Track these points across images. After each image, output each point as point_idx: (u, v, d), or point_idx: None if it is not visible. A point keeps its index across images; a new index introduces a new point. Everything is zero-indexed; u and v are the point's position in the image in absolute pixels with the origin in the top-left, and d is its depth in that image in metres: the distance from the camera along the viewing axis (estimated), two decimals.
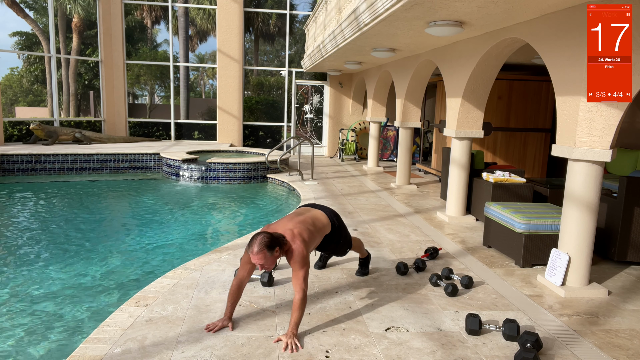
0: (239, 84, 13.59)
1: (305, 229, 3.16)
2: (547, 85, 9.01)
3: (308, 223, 3.26)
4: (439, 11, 4.50)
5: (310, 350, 2.92)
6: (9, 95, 27.54)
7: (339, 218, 3.70)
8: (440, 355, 2.92)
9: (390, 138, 13.27)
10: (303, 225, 3.18)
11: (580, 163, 3.89)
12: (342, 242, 3.71)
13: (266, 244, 2.87)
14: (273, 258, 2.93)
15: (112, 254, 5.28)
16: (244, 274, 3.18)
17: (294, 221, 3.22)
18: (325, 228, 3.44)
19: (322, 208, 3.63)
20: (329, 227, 3.48)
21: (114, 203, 8.03)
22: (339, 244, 3.69)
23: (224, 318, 3.18)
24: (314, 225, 3.31)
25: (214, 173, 9.49)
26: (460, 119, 6.26)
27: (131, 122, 13.78)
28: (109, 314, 3.38)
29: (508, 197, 5.82)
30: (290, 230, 3.09)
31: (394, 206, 7.19)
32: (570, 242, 3.99)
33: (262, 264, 2.91)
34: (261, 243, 2.87)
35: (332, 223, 3.52)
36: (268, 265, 2.94)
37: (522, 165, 9.27)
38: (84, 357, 2.77)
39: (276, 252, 2.93)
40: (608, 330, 3.33)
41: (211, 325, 3.14)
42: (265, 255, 2.88)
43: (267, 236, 2.91)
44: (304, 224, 3.21)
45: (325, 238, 3.51)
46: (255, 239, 2.91)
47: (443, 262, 4.65)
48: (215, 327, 3.12)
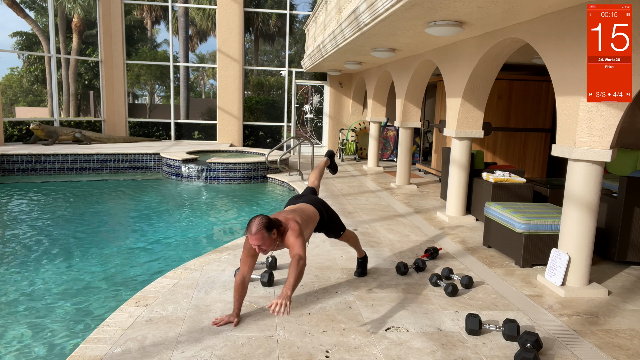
0: (239, 84, 13.60)
1: (298, 215, 3.33)
2: (547, 85, 9.01)
3: (297, 212, 3.41)
4: (439, 11, 4.50)
5: (310, 350, 2.92)
6: (9, 95, 27.53)
7: (326, 205, 3.84)
8: (440, 355, 2.92)
9: (390, 138, 13.27)
10: (295, 213, 3.35)
11: (580, 163, 3.89)
12: (334, 225, 3.85)
13: (264, 225, 2.97)
14: (271, 239, 3.01)
15: (112, 254, 5.28)
16: (246, 269, 3.27)
17: (284, 212, 3.39)
18: (315, 216, 3.59)
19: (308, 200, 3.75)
20: (317, 215, 3.62)
21: (114, 203, 8.02)
22: (331, 228, 3.84)
23: (232, 314, 3.27)
24: (304, 212, 3.47)
25: (214, 173, 9.49)
26: (460, 119, 6.26)
27: (131, 122, 13.78)
28: (109, 314, 3.38)
29: (508, 197, 5.82)
30: (284, 216, 3.24)
31: (394, 206, 7.19)
32: (570, 242, 3.99)
33: (259, 245, 2.99)
34: (259, 224, 2.96)
35: (319, 211, 3.66)
36: (266, 246, 3.02)
37: (522, 165, 9.27)
38: (84, 357, 2.77)
39: (273, 234, 3.03)
40: (608, 330, 3.33)
41: (218, 319, 3.23)
42: (263, 236, 2.96)
43: (265, 217, 3.02)
44: (295, 212, 3.38)
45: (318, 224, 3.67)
46: (253, 220, 3.01)
47: (443, 262, 4.65)
48: (221, 321, 3.22)
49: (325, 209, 3.77)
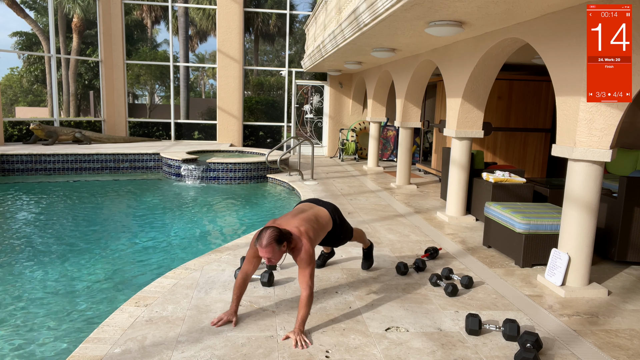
0: (239, 84, 13.60)
1: (311, 228, 3.23)
2: (547, 85, 9.01)
3: (312, 221, 3.31)
4: (439, 11, 4.50)
5: (310, 350, 2.92)
6: (9, 95, 27.54)
7: (340, 213, 3.75)
8: (440, 355, 2.92)
9: (390, 138, 13.27)
10: (308, 224, 3.24)
11: (580, 163, 3.89)
12: (342, 236, 3.81)
13: (275, 238, 2.95)
14: (280, 252, 3.00)
15: (112, 254, 5.28)
16: (250, 267, 3.25)
17: (298, 218, 3.27)
18: (328, 225, 3.51)
19: (324, 204, 3.68)
20: (330, 224, 3.55)
21: (114, 203, 8.02)
22: (339, 239, 3.81)
23: (229, 312, 3.24)
24: (318, 222, 3.38)
25: (214, 173, 9.49)
26: (460, 119, 6.27)
27: (131, 122, 13.78)
28: (108, 314, 3.38)
29: (508, 197, 5.82)
30: (297, 227, 3.15)
31: (394, 206, 7.19)
32: (570, 242, 3.99)
33: (269, 258, 2.98)
34: (270, 237, 2.94)
35: (333, 220, 3.59)
36: (275, 259, 3.01)
37: (522, 165, 9.27)
38: (84, 357, 2.77)
39: (283, 247, 3.01)
40: (608, 330, 3.33)
41: (216, 319, 3.20)
42: (273, 249, 2.95)
43: (276, 230, 2.99)
44: (308, 222, 3.27)
45: (327, 233, 3.59)
46: (264, 232, 2.97)
47: (443, 262, 4.65)
48: (220, 320, 3.19)
49: (339, 217, 3.68)
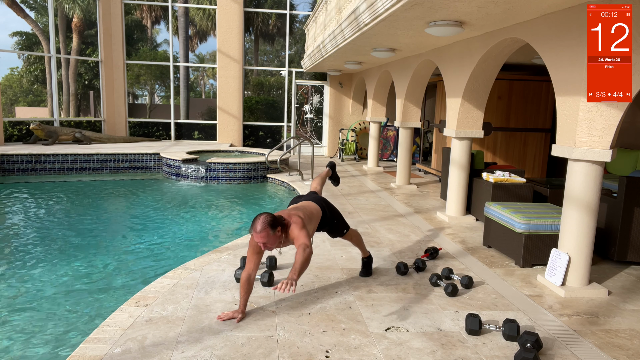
0: (239, 84, 13.60)
1: (301, 212, 3.37)
2: (547, 85, 9.01)
3: (300, 209, 3.47)
4: (439, 11, 4.50)
5: (310, 350, 2.92)
6: (9, 95, 27.53)
7: (328, 202, 3.88)
8: (440, 355, 2.92)
9: (390, 138, 13.27)
10: (297, 210, 3.40)
11: (580, 163, 3.89)
12: (337, 222, 3.88)
13: (269, 222, 3.03)
14: (275, 237, 3.08)
15: (112, 254, 5.28)
16: (252, 266, 3.33)
17: (287, 210, 3.45)
18: (317, 213, 3.63)
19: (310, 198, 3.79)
20: (319, 212, 3.66)
21: (114, 203, 8.02)
22: (334, 225, 3.87)
23: (238, 310, 3.32)
24: (306, 209, 3.52)
25: (214, 173, 9.49)
26: (460, 119, 6.26)
27: (131, 122, 13.78)
28: (108, 314, 3.38)
29: (508, 197, 5.82)
30: (287, 212, 3.31)
31: (394, 206, 7.19)
32: (570, 242, 3.99)
33: (264, 242, 3.06)
34: (264, 222, 3.03)
35: (321, 207, 3.70)
36: (270, 244, 3.08)
37: (522, 165, 9.27)
38: (84, 357, 2.77)
39: (278, 231, 3.09)
40: (608, 330, 3.33)
41: (223, 315, 3.28)
42: (268, 234, 3.02)
43: (269, 215, 3.09)
44: (297, 209, 3.43)
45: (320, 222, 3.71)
46: (257, 218, 3.06)
47: (443, 262, 4.65)
48: (225, 316, 3.28)
49: (327, 206, 3.81)
